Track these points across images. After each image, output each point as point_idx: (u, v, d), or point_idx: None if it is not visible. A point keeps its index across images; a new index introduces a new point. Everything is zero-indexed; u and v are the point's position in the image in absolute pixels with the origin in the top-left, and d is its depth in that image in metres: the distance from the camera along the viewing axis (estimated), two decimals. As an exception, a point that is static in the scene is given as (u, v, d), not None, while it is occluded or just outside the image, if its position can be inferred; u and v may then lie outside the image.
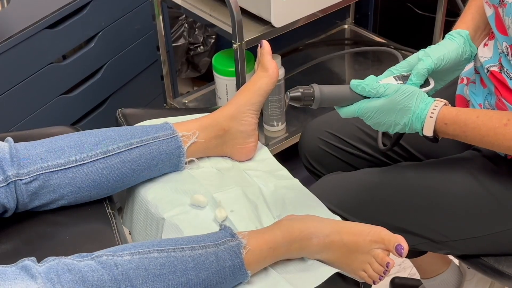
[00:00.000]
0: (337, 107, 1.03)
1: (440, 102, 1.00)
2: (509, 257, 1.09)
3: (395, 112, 0.99)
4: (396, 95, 0.98)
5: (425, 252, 1.37)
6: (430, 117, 0.99)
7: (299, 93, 0.99)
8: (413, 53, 1.95)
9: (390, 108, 0.99)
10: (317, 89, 1.00)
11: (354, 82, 1.01)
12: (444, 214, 1.08)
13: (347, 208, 1.14)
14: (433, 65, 1.04)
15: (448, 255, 1.42)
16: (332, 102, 1.01)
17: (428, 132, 1.00)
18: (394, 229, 1.04)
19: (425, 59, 1.04)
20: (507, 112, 0.98)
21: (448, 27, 1.88)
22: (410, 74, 1.05)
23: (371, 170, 1.19)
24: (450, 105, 1.01)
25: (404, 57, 1.94)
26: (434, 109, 0.99)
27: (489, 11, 1.06)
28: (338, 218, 1.10)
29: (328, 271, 1.02)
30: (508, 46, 1.01)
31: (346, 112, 1.02)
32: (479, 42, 1.11)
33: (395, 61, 1.96)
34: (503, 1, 0.99)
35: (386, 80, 1.04)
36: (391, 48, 1.92)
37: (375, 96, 0.99)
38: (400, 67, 1.06)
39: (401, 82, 1.04)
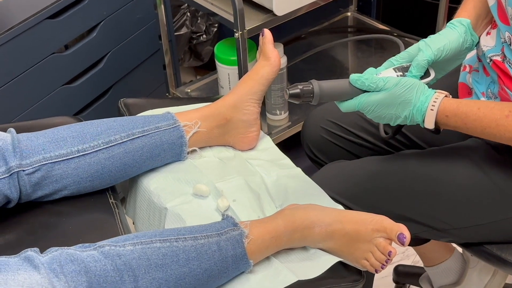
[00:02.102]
0: (337, 102, 1.02)
1: (440, 94, 0.99)
2: None
3: (395, 106, 0.99)
4: (396, 88, 0.98)
5: (428, 240, 1.37)
6: (431, 109, 0.98)
7: (298, 90, 0.99)
8: (416, 40, 1.95)
9: (390, 101, 0.98)
10: (316, 85, 0.99)
11: (353, 77, 1.00)
12: (447, 202, 1.08)
13: (350, 197, 1.14)
14: (433, 56, 1.03)
15: (452, 243, 1.43)
16: (332, 97, 1.01)
17: (429, 124, 1.00)
18: (396, 217, 1.04)
19: (425, 50, 1.03)
20: (508, 103, 0.97)
21: (451, 13, 1.86)
22: (410, 65, 1.04)
23: (374, 158, 1.19)
24: (451, 96, 1.01)
25: (407, 44, 1.94)
26: (434, 102, 0.98)
27: (492, 1, 1.05)
28: (340, 207, 1.10)
29: (330, 260, 1.02)
30: (511, 36, 1.00)
31: (346, 106, 1.01)
32: (481, 30, 1.10)
33: (398, 48, 1.94)
34: None
35: (386, 73, 1.03)
36: (394, 35, 1.91)
37: (375, 90, 0.99)
38: (400, 58, 1.05)
39: (401, 73, 1.03)
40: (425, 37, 1.10)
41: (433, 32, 2.07)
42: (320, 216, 1.01)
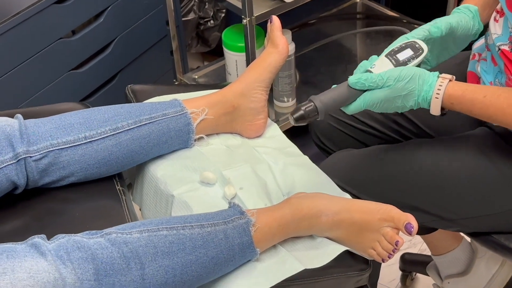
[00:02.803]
0: (343, 107, 1.01)
1: (444, 80, 0.97)
2: None
3: (400, 98, 0.98)
4: (398, 84, 0.97)
5: (436, 229, 1.36)
6: (436, 98, 0.97)
7: (302, 112, 0.98)
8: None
9: (394, 96, 0.98)
10: (318, 102, 0.98)
11: (352, 80, 0.99)
12: (454, 192, 1.08)
13: (357, 185, 1.14)
14: (449, 25, 1.02)
15: (460, 232, 1.42)
16: (336, 106, 1.00)
17: (436, 111, 0.99)
18: (403, 207, 1.03)
19: (444, 19, 1.03)
20: None
21: (461, 1, 1.85)
22: (402, 46, 1.02)
23: (381, 147, 1.18)
24: (455, 78, 0.99)
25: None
26: (439, 90, 0.97)
27: None
28: (347, 195, 1.09)
29: (337, 249, 1.02)
30: None
31: (352, 110, 1.00)
32: (485, 20, 1.09)
33: (407, 35, 1.93)
34: None
35: (380, 64, 1.00)
36: (403, 22, 1.89)
37: (377, 87, 0.98)
38: (416, 35, 1.03)
39: (395, 58, 1.01)
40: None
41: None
42: (328, 205, 1.01)
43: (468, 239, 1.44)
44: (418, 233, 1.43)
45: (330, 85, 1.04)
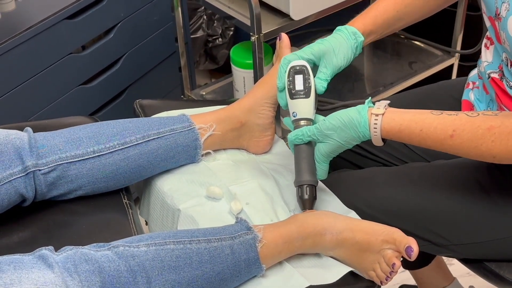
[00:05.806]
0: (317, 176, 1.06)
1: (378, 116, 0.98)
2: (511, 263, 1.08)
3: (346, 144, 1.01)
4: (334, 138, 1.00)
5: (426, 264, 1.34)
6: (375, 135, 0.99)
7: (307, 198, 1.04)
8: (433, 47, 1.94)
9: (339, 145, 1.02)
10: (306, 181, 1.04)
11: (291, 142, 1.05)
12: (446, 218, 1.07)
13: (353, 207, 1.12)
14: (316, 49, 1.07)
15: (452, 272, 1.41)
16: (313, 167, 1.05)
17: (379, 144, 1.01)
18: None
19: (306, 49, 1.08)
20: (451, 121, 0.94)
21: (469, 21, 1.86)
22: (291, 78, 1.06)
23: (378, 169, 1.17)
24: (387, 105, 0.99)
25: (423, 52, 1.93)
26: (375, 128, 0.98)
27: (488, 23, 1.04)
28: (353, 213, 1.09)
29: (342, 270, 1.01)
30: (508, 57, 0.99)
31: (321, 175, 1.05)
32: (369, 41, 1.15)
33: (414, 54, 1.94)
34: (498, 14, 0.96)
35: (296, 108, 1.06)
36: (405, 45, 1.90)
37: (316, 137, 1.02)
38: (290, 60, 1.08)
39: (299, 93, 1.05)
40: (444, 43, 1.08)
41: (450, 39, 2.05)
42: (332, 223, 1.01)
43: (460, 280, 1.42)
44: (406, 267, 1.42)
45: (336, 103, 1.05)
